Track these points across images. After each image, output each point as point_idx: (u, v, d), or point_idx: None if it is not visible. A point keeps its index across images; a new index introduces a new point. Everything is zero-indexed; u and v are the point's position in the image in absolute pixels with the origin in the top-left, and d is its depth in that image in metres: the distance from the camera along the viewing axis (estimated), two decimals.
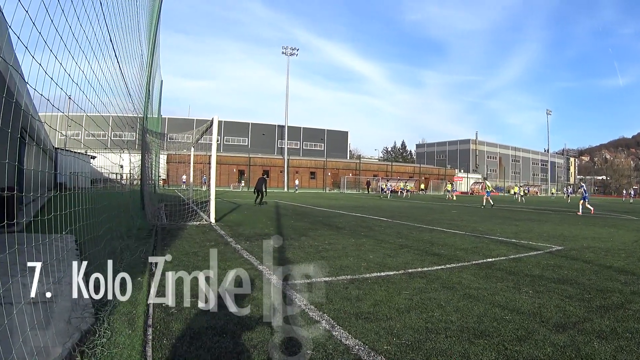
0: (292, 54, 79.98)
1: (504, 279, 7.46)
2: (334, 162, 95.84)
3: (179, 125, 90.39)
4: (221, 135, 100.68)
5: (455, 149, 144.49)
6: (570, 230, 16.43)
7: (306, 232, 13.52)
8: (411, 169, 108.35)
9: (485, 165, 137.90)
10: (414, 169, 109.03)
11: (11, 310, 4.00)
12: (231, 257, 8.97)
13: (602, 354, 4.24)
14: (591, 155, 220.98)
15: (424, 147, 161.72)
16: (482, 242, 12.09)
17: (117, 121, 9.17)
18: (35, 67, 3.82)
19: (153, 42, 17.35)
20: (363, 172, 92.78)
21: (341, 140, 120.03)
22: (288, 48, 79.62)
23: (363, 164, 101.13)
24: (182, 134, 23.68)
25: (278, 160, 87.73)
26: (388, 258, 9.25)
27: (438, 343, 4.44)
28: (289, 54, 79.74)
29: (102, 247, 6.59)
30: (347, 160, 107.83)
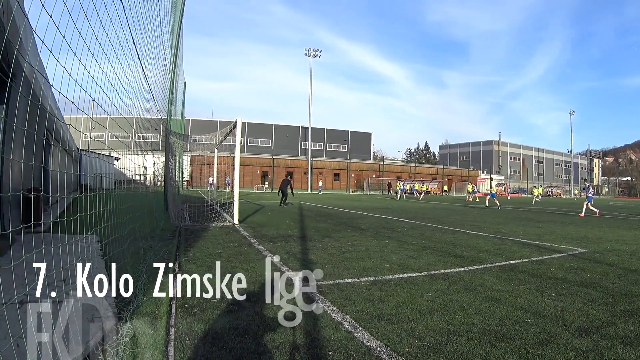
0: (315, 56, 80.00)
1: (527, 282, 7.38)
2: (358, 164, 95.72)
3: (203, 126, 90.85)
4: (245, 137, 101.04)
5: (479, 150, 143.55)
6: (593, 232, 16.19)
7: (329, 233, 13.52)
8: (434, 170, 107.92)
9: (508, 167, 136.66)
10: (437, 170, 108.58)
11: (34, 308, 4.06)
12: (254, 258, 8.99)
13: None
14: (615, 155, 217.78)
15: (447, 148, 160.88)
16: (504, 244, 11.98)
17: (140, 123, 9.26)
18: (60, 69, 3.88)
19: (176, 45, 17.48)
20: (386, 174, 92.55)
21: (365, 141, 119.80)
22: (311, 50, 79.67)
23: (386, 165, 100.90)
24: (206, 136, 23.80)
25: (302, 161, 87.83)
26: (411, 259, 9.21)
27: (459, 345, 4.42)
28: (312, 56, 79.77)
29: (126, 248, 6.66)
30: (371, 161, 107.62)
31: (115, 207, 6.35)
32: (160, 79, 13.38)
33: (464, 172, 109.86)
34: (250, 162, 78.25)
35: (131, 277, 4.42)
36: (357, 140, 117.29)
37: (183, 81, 30.63)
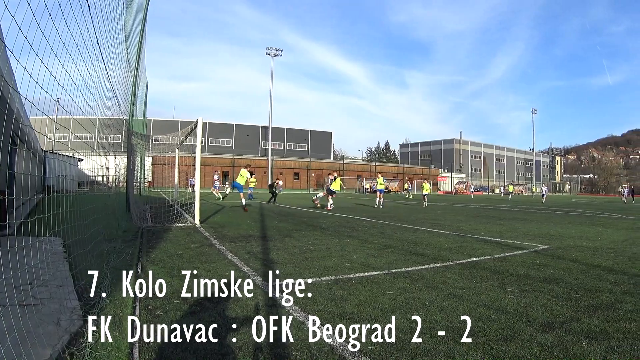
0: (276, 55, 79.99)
1: (489, 279, 7.48)
2: (318, 163, 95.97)
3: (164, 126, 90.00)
4: (205, 137, 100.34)
5: (439, 148, 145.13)
6: (556, 229, 16.51)
7: (290, 233, 13.55)
8: (395, 169, 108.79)
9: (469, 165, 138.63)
10: (398, 169, 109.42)
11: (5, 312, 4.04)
12: (216, 258, 8.97)
13: (592, 354, 4.23)
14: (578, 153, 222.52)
15: (407, 147, 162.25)
16: (466, 242, 12.15)
17: (103, 123, 9.18)
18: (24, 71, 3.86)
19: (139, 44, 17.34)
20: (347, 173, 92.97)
21: (325, 140, 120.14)
22: (272, 49, 79.62)
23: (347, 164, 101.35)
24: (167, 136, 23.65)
25: (262, 161, 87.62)
26: (372, 258, 9.30)
27: (423, 343, 4.45)
28: (274, 55, 79.73)
29: (89, 250, 6.61)
30: (331, 160, 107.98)
31: (79, 209, 6.31)
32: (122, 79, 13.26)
33: (424, 171, 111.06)
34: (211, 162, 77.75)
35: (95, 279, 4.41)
36: (318, 140, 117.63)
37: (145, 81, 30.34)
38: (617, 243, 12.46)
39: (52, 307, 4.80)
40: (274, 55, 79.73)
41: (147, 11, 17.83)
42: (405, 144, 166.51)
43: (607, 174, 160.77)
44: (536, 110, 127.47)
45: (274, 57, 79.91)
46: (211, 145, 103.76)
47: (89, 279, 4.45)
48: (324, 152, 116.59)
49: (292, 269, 8.10)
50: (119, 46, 11.26)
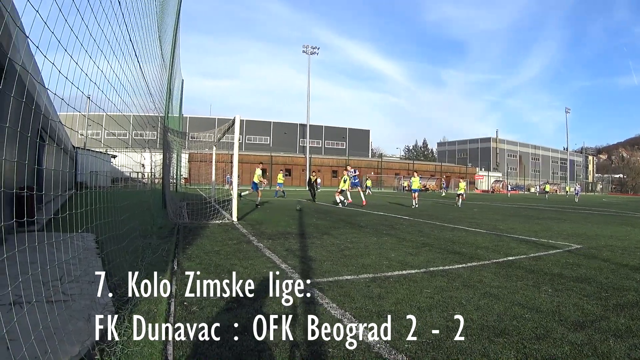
0: (312, 53, 79.93)
1: (524, 278, 7.41)
2: (356, 161, 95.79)
3: (201, 124, 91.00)
4: (243, 134, 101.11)
5: (476, 147, 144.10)
6: (588, 228, 16.33)
7: (328, 230, 13.51)
8: (432, 167, 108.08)
9: (505, 164, 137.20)
10: (435, 167, 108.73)
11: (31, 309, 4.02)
12: (253, 255, 8.96)
13: (617, 352, 4.23)
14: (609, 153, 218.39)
15: (445, 145, 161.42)
16: (502, 241, 12.01)
17: (138, 120, 9.21)
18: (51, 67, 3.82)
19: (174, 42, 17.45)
20: (385, 171, 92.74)
21: (363, 138, 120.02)
22: (309, 47, 79.60)
23: (385, 162, 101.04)
24: (204, 133, 23.77)
25: (300, 158, 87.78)
26: (409, 256, 9.20)
27: (458, 342, 4.41)
28: (310, 53, 79.70)
29: (124, 246, 6.61)
30: (369, 158, 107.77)
31: (112, 205, 6.31)
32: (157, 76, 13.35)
33: (461, 169, 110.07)
34: (248, 159, 78.16)
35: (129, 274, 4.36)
36: (356, 138, 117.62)
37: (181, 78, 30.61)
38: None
39: (83, 303, 4.78)
40: (310, 53, 79.69)
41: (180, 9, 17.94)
42: (442, 143, 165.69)
43: (635, 174, 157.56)
44: (570, 110, 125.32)
45: (311, 55, 79.91)
46: (249, 143, 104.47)
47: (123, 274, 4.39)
48: (362, 149, 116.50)
49: (330, 266, 8.07)
50: (152, 44, 11.34)
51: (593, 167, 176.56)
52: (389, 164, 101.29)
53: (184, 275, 6.90)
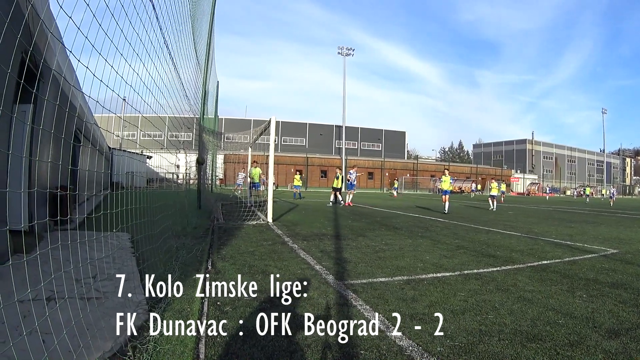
0: (348, 54, 79.87)
1: (559, 282, 7.27)
2: (392, 163, 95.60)
3: (236, 125, 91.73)
4: (279, 136, 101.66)
5: (512, 149, 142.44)
6: (625, 233, 15.90)
7: (363, 232, 13.48)
8: (468, 170, 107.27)
9: (541, 166, 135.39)
10: (471, 169, 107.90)
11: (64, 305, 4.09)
12: (288, 256, 8.99)
13: None
14: None
15: (480, 147, 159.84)
16: (537, 244, 11.80)
17: (173, 121, 9.32)
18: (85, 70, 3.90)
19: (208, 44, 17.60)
20: (420, 172, 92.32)
21: (399, 140, 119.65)
22: (344, 48, 79.57)
23: (420, 164, 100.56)
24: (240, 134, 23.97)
25: (336, 160, 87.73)
26: (444, 259, 9.13)
27: (491, 346, 4.37)
28: (345, 54, 79.66)
29: (158, 245, 6.69)
30: (405, 160, 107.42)
31: (147, 205, 6.39)
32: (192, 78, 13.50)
33: (497, 171, 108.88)
34: (284, 160, 78.67)
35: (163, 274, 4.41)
36: (391, 139, 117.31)
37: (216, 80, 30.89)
38: None
39: (117, 300, 4.85)
40: (345, 55, 79.61)
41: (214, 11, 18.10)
42: (478, 144, 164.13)
43: None
44: (606, 110, 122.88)
45: (346, 57, 79.90)
46: (284, 144, 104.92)
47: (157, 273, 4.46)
48: (398, 151, 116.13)
49: (365, 268, 8.04)
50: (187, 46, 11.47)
51: (631, 170, 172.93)
52: (424, 166, 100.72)
53: (218, 275, 6.97)
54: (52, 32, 3.90)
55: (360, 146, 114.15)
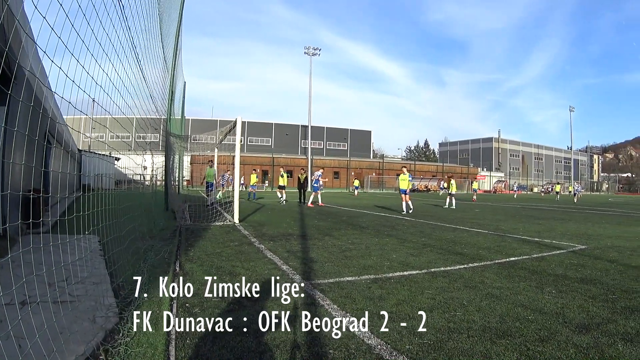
0: (314, 54, 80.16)
1: (527, 279, 7.38)
2: (358, 162, 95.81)
3: (203, 126, 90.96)
4: (245, 136, 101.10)
5: (478, 147, 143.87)
6: (594, 229, 16.25)
7: (330, 231, 13.55)
8: (434, 168, 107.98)
9: (508, 164, 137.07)
10: (437, 167, 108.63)
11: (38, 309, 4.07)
12: (255, 257, 8.99)
13: (627, 357, 4.15)
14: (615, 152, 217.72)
15: (446, 145, 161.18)
16: (504, 241, 12.01)
17: (140, 123, 9.27)
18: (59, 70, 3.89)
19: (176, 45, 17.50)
20: (386, 172, 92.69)
21: (364, 139, 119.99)
22: (310, 48, 79.82)
23: (386, 163, 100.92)
24: (206, 135, 23.84)
25: (301, 160, 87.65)
26: (411, 257, 9.23)
27: (460, 343, 4.42)
28: (312, 54, 79.92)
29: (126, 247, 6.67)
30: (371, 159, 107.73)
31: (116, 207, 6.37)
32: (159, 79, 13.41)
33: (463, 170, 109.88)
34: (250, 161, 78.18)
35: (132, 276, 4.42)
36: (357, 139, 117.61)
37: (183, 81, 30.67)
38: None
39: (88, 304, 4.84)
40: (312, 55, 79.92)
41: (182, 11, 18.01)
42: (444, 143, 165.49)
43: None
44: (574, 108, 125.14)
45: (312, 56, 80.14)
46: (250, 145, 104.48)
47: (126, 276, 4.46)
48: (364, 150, 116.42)
49: (332, 267, 8.09)
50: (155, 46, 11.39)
51: (598, 167, 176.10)
52: (390, 165, 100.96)
53: (185, 277, 6.96)
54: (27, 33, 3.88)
55: (326, 146, 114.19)
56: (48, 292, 4.40)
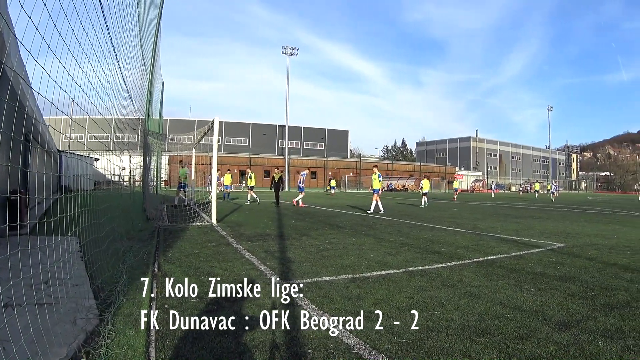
0: (292, 54, 79.98)
1: (506, 277, 7.46)
2: (335, 162, 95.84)
3: (181, 126, 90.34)
4: (222, 136, 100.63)
5: (456, 146, 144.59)
6: (572, 227, 16.48)
7: (307, 231, 13.59)
8: (411, 167, 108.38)
9: (485, 163, 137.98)
10: (414, 167, 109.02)
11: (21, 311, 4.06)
12: (233, 257, 9.00)
13: (608, 354, 4.19)
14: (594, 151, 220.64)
15: (424, 145, 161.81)
16: (482, 240, 12.14)
17: (118, 123, 9.21)
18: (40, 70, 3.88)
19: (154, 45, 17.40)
20: (364, 171, 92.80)
21: (342, 139, 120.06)
22: (288, 48, 79.62)
23: (363, 162, 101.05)
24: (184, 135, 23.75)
25: (279, 160, 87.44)
26: (389, 256, 9.29)
27: (439, 341, 4.46)
28: (289, 54, 79.73)
29: (105, 249, 6.64)
30: (348, 159, 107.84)
31: (95, 208, 6.34)
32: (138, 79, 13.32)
33: (441, 169, 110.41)
34: (227, 161, 77.86)
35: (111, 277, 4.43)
36: (335, 138, 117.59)
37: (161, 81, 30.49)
38: (633, 241, 12.41)
39: (69, 306, 4.82)
40: (289, 54, 79.75)
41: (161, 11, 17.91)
42: (421, 142, 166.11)
43: (623, 172, 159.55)
44: (552, 108, 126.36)
45: (290, 56, 79.94)
46: (228, 145, 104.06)
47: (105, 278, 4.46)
48: (341, 150, 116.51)
49: (309, 267, 8.13)
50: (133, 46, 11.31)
51: (577, 165, 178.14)
52: (367, 165, 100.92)
53: (164, 278, 6.94)
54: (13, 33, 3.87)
55: (303, 145, 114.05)
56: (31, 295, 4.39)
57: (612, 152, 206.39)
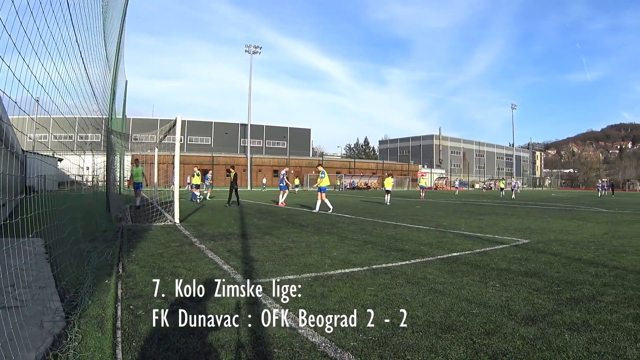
0: (255, 52, 79.72)
1: (470, 273, 7.54)
2: (297, 160, 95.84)
3: (144, 125, 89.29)
4: (185, 135, 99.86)
5: (419, 144, 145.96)
6: (536, 223, 16.79)
7: (270, 230, 13.59)
8: (374, 165, 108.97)
9: (449, 160, 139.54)
10: (377, 165, 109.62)
11: None
12: (196, 257, 8.96)
13: (575, 346, 4.26)
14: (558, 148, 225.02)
15: (387, 143, 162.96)
16: (446, 237, 12.28)
17: (81, 123, 9.10)
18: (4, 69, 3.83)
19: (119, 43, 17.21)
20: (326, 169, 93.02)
21: (304, 137, 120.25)
22: (251, 46, 79.35)
23: (326, 160, 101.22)
24: (147, 134, 23.52)
25: (241, 159, 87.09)
26: (352, 254, 9.35)
27: (405, 338, 4.48)
28: (252, 52, 79.46)
29: (69, 250, 6.57)
30: (310, 157, 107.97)
31: (59, 209, 6.27)
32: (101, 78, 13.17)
33: (404, 167, 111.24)
34: (190, 160, 77.22)
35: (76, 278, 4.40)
36: (297, 137, 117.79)
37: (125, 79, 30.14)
38: (597, 236, 12.70)
39: (35, 309, 4.77)
40: (252, 53, 79.48)
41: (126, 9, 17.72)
42: (384, 140, 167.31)
43: (587, 169, 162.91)
44: (516, 106, 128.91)
45: (253, 55, 79.68)
46: (190, 144, 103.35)
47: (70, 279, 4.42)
48: (303, 148, 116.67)
49: (272, 266, 8.14)
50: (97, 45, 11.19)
51: (541, 163, 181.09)
52: (330, 163, 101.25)
53: (129, 278, 6.89)
54: None
55: (266, 144, 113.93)
56: None
57: (576, 149, 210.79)
